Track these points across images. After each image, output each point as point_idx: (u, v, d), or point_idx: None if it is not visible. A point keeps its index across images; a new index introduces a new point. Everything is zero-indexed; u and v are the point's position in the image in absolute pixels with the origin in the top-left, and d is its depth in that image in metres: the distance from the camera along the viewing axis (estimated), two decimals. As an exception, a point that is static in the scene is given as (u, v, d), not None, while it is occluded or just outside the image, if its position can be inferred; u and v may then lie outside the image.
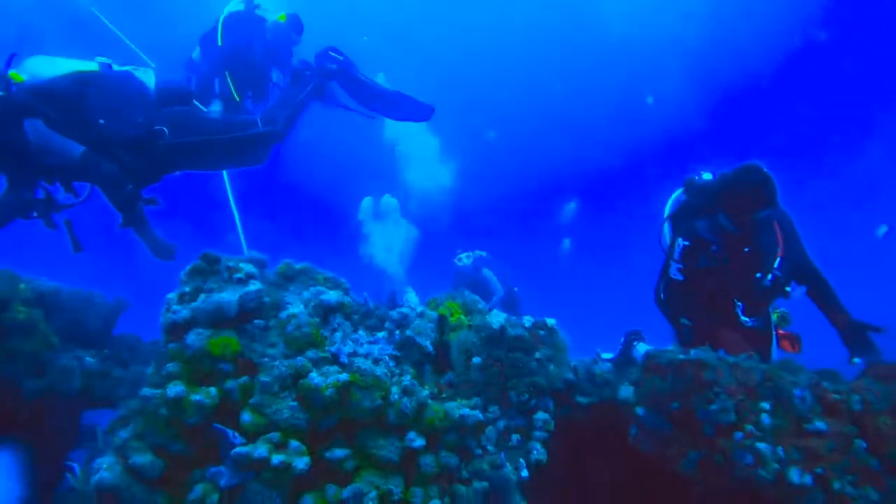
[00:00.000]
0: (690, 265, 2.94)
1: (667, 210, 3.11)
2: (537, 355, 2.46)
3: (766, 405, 2.19)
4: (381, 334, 2.57)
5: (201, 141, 3.62)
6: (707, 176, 2.96)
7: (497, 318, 2.48)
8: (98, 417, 4.51)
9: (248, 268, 2.55)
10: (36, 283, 3.98)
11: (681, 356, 2.29)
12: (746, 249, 2.86)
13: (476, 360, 2.46)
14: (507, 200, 22.11)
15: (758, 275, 2.90)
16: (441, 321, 2.61)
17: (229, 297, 2.40)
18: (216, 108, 4.57)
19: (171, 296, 2.49)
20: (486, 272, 6.50)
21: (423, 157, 6.45)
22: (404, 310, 2.56)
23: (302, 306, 2.47)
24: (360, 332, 2.56)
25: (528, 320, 2.52)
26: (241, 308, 2.40)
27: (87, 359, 3.89)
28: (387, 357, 2.44)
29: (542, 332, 2.48)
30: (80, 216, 3.68)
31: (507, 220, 22.13)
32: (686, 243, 2.91)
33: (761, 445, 2.08)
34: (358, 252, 5.62)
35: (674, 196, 3.14)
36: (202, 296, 2.42)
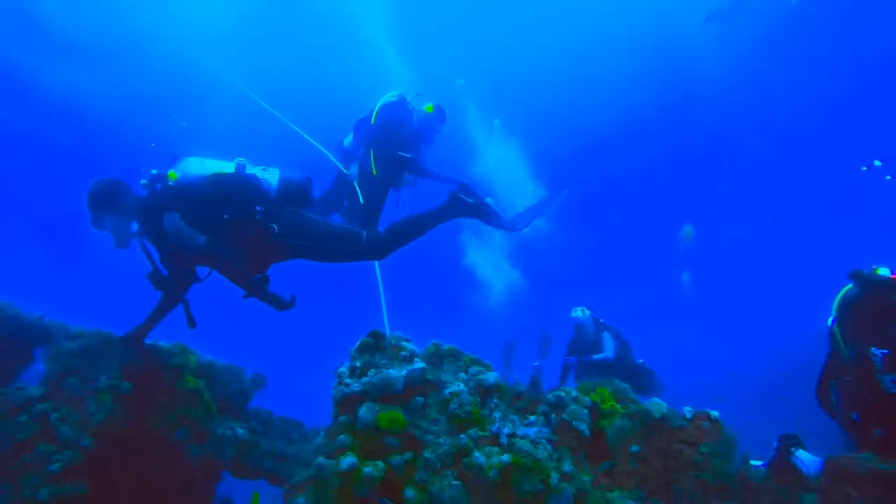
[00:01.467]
0: None
1: (836, 311, 2.99)
2: (702, 449, 2.39)
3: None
4: (533, 417, 2.61)
5: (307, 246, 3.96)
6: (885, 271, 2.85)
7: (658, 406, 2.46)
8: (238, 488, 4.77)
9: (411, 346, 2.73)
10: (199, 355, 4.44)
11: (881, 465, 2.14)
12: None
13: (634, 448, 2.43)
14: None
15: None
16: (594, 407, 2.62)
17: (396, 373, 2.57)
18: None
19: (343, 369, 2.70)
20: (606, 335, 6.32)
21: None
22: (560, 393, 2.60)
23: (463, 385, 2.59)
24: (514, 413, 2.62)
25: (688, 411, 2.48)
26: (406, 385, 2.56)
27: (239, 430, 4.20)
28: (544, 440, 2.47)
29: (705, 424, 2.42)
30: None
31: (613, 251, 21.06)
32: (885, 351, 2.73)
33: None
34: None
35: (842, 293, 3.01)
36: (372, 371, 2.62)
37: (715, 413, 2.44)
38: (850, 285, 2.98)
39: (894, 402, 2.80)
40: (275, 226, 3.80)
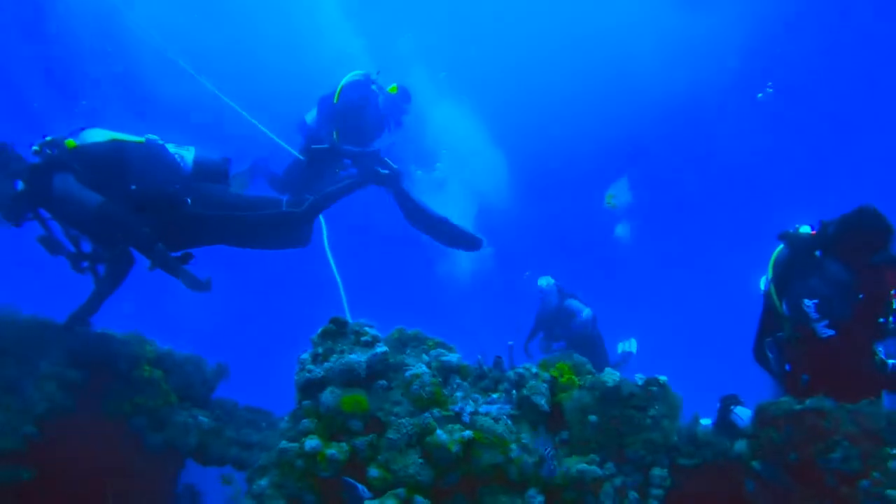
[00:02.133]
0: (839, 319, 2.92)
1: (770, 271, 3.17)
2: (651, 412, 2.53)
3: (893, 451, 2.17)
4: (495, 395, 2.70)
5: (222, 215, 3.89)
6: (806, 228, 3.05)
7: (611, 376, 2.58)
8: (203, 475, 4.75)
9: (373, 331, 2.77)
10: (156, 345, 4.35)
11: (797, 406, 2.33)
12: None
13: (592, 417, 2.55)
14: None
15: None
16: (553, 381, 2.72)
17: (358, 358, 2.60)
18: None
19: (305, 356, 2.72)
20: (572, 302, 6.54)
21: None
22: (520, 370, 2.69)
23: (424, 367, 2.65)
24: (477, 392, 2.70)
25: (640, 378, 2.61)
26: (369, 369, 2.60)
27: (201, 417, 4.17)
28: (505, 416, 2.56)
29: (654, 389, 2.56)
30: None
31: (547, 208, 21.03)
32: (815, 301, 2.93)
33: (891, 492, 2.06)
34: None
35: (774, 254, 3.20)
36: (334, 356, 2.64)
37: (663, 378, 2.58)
38: (781, 246, 3.18)
39: (826, 346, 3.03)
40: (188, 199, 3.73)
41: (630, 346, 6.71)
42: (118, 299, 4.01)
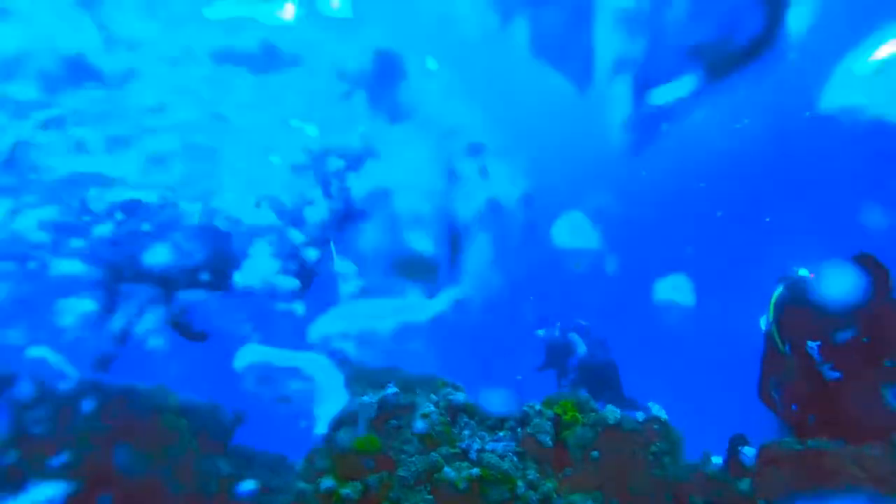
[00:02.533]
0: (844, 362, 2.99)
1: (771, 312, 3.26)
2: (653, 449, 2.60)
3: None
4: (501, 433, 2.80)
5: None
6: (804, 272, 3.15)
7: (612, 413, 2.67)
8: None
9: (385, 373, 2.92)
10: (177, 396, 4.54)
11: (800, 446, 2.38)
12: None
13: (595, 454, 2.63)
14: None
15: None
16: (557, 419, 2.82)
17: (370, 399, 2.75)
18: None
19: (320, 399, 2.87)
20: (572, 336, 6.55)
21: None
22: (525, 408, 2.80)
23: (433, 406, 2.78)
24: (484, 430, 2.81)
25: (640, 416, 2.70)
26: (380, 409, 2.74)
27: (221, 465, 4.30)
28: (511, 453, 2.66)
29: (655, 427, 2.64)
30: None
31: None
32: (818, 343, 3.00)
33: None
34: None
35: (774, 296, 3.29)
36: (352, 400, 2.79)
37: (664, 415, 2.66)
38: (780, 288, 3.27)
39: (832, 388, 3.07)
40: None
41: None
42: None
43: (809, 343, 3.08)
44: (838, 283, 2.95)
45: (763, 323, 3.36)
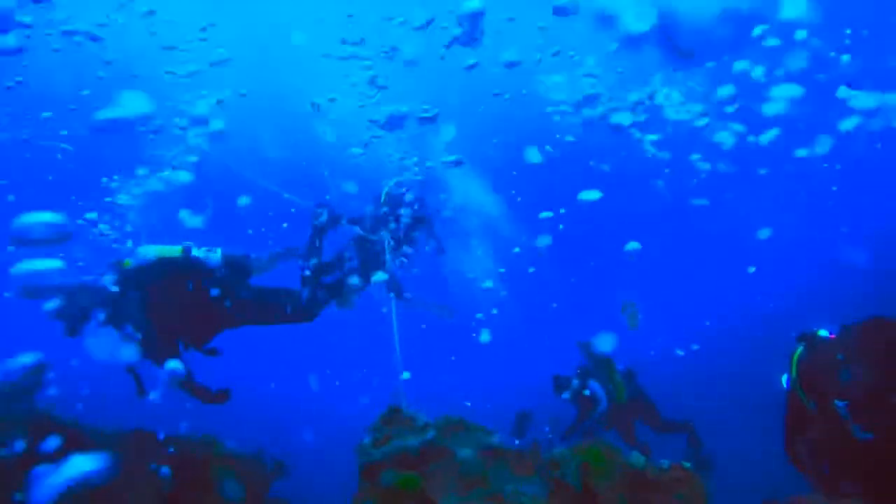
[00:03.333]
0: (876, 421, 3.06)
1: (794, 370, 3.39)
2: (677, 496, 2.77)
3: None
4: (533, 476, 3.00)
5: (248, 302, 4.78)
6: (824, 332, 3.30)
7: (638, 459, 2.86)
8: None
9: (424, 418, 3.17)
10: (224, 446, 4.85)
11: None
12: None
13: (621, 499, 2.81)
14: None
15: None
16: (585, 464, 3.01)
17: (412, 442, 3.00)
18: None
19: (366, 441, 3.13)
20: (593, 384, 6.53)
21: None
22: (555, 452, 3.01)
23: (470, 450, 3.01)
24: (516, 474, 3.01)
25: (665, 462, 2.87)
26: (421, 451, 2.98)
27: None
28: (543, 496, 2.85)
29: (679, 474, 2.81)
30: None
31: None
32: (846, 402, 3.09)
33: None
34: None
35: (795, 356, 3.42)
36: (392, 441, 3.04)
37: (687, 464, 2.83)
38: (801, 347, 3.41)
39: (864, 447, 3.15)
40: (217, 290, 4.58)
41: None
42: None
43: (837, 402, 3.17)
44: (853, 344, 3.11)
45: (784, 381, 3.49)
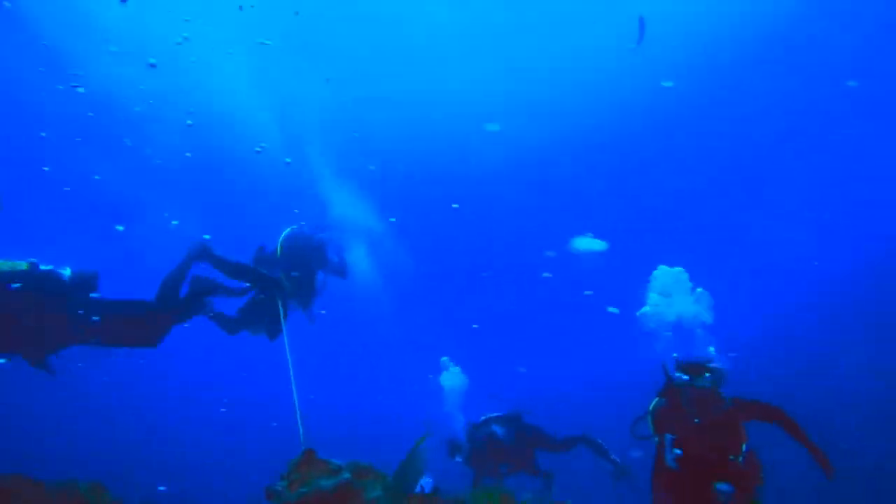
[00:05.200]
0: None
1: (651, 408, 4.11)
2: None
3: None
4: (437, 518, 3.25)
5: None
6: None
7: (530, 500, 3.22)
8: None
9: (337, 461, 3.33)
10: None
11: None
12: None
13: (516, 536, 3.13)
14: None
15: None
16: (485, 506, 3.32)
17: (327, 483, 3.14)
18: None
19: (281, 484, 3.21)
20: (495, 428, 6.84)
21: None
22: (459, 497, 3.29)
23: (381, 490, 3.20)
24: (422, 515, 3.24)
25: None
26: (336, 493, 3.13)
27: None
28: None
29: (566, 511, 3.21)
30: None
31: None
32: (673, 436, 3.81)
33: None
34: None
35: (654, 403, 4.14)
36: (307, 483, 3.16)
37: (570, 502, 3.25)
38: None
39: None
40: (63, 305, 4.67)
41: None
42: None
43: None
44: None
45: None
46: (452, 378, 8.09)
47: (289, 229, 6.54)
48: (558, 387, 20.18)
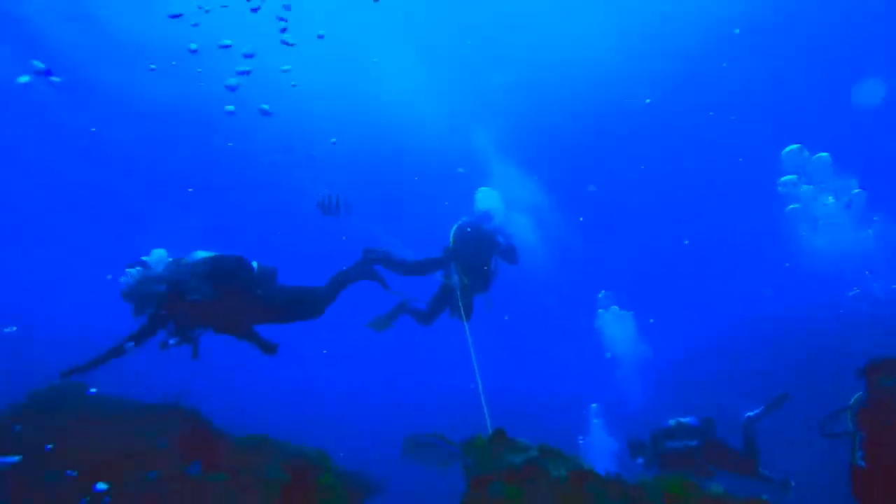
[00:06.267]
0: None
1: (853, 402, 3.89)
2: (753, 523, 3.16)
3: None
4: (621, 500, 3.44)
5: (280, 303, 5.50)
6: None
7: (716, 489, 3.27)
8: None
9: (524, 440, 3.68)
10: (333, 461, 5.40)
11: None
12: None
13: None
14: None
15: None
16: (668, 494, 3.43)
17: (516, 459, 3.50)
18: None
19: (472, 457, 3.65)
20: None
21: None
22: (639, 483, 3.45)
23: (563, 470, 3.48)
24: (606, 496, 3.46)
25: (743, 496, 3.27)
26: (524, 468, 3.48)
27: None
28: (630, 515, 3.28)
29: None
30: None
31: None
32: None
33: None
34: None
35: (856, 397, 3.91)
36: (497, 459, 3.56)
37: (765, 496, 3.22)
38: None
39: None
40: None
41: None
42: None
43: None
44: None
45: None
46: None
47: (458, 223, 7.05)
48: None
